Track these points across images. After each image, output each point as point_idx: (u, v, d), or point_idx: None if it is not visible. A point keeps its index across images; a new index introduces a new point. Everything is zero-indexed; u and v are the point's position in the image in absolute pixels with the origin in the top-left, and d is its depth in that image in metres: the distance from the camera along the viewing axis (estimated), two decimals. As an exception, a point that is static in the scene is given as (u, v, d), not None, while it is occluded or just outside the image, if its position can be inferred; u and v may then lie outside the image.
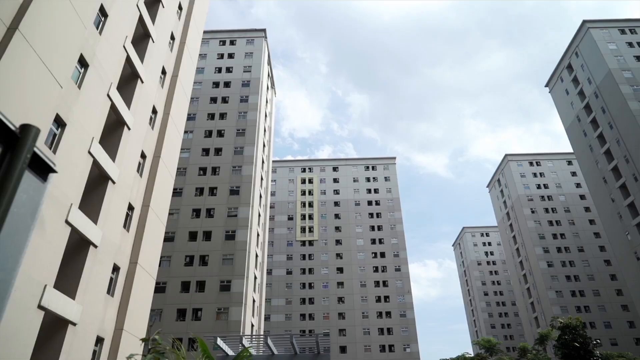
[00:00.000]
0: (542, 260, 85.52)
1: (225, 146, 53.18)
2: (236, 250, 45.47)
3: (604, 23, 70.27)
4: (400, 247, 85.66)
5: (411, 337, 77.20)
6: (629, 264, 63.08)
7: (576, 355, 26.99)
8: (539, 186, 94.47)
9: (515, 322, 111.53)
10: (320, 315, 78.73)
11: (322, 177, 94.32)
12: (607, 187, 66.87)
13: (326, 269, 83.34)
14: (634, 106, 61.22)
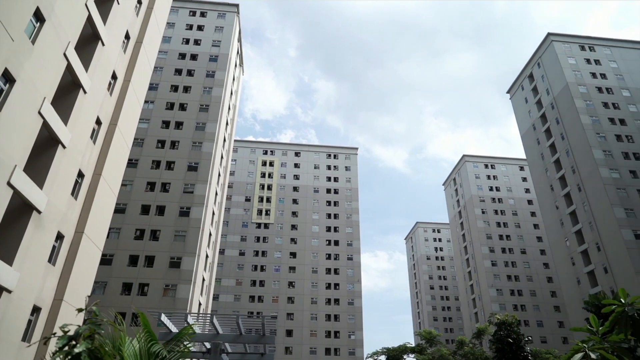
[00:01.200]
0: (487, 259, 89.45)
1: (187, 120, 51.79)
2: (190, 228, 44.69)
3: (567, 38, 73.24)
4: (354, 237, 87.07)
5: (357, 325, 79.07)
6: (565, 269, 67.08)
7: (509, 350, 28.58)
8: (491, 188, 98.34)
9: (457, 316, 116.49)
10: (270, 298, 79.12)
11: (284, 161, 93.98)
12: (553, 194, 70.46)
13: (279, 253, 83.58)
14: (585, 120, 64.51)
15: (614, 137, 63.57)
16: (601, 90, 67.97)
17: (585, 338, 9.02)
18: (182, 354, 7.15)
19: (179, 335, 7.13)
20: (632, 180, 60.12)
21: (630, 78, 69.72)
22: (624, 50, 73.01)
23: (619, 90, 68.29)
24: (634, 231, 56.18)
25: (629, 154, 62.30)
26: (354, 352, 76.62)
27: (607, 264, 58.09)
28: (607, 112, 65.76)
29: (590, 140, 62.80)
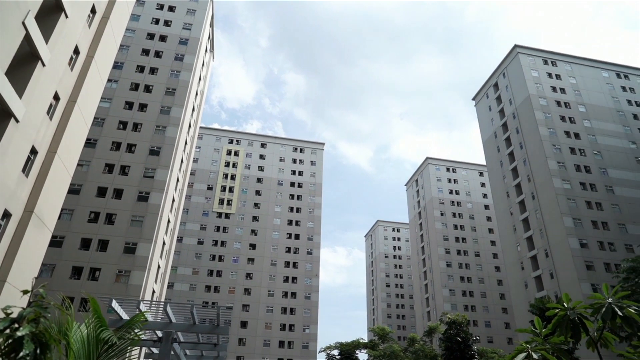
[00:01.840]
0: (442, 260, 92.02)
1: (151, 103, 50.25)
2: (148, 213, 43.52)
3: (532, 51, 75.98)
4: (315, 232, 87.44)
5: (312, 318, 79.61)
6: (514, 272, 69.96)
7: (457, 348, 29.60)
8: (451, 191, 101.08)
9: (410, 314, 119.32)
10: (226, 289, 78.38)
11: (249, 151, 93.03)
12: (509, 201, 73.20)
13: (239, 244, 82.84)
14: (543, 131, 67.27)
15: (568, 149, 66.63)
16: (560, 104, 71.01)
17: (529, 339, 9.47)
18: (132, 342, 6.97)
19: (130, 323, 6.94)
20: (581, 191, 63.25)
21: (587, 94, 73.18)
22: (583, 67, 76.51)
23: (576, 105, 71.56)
24: (580, 240, 59.22)
25: (580, 166, 65.48)
26: (308, 345, 77.16)
27: (553, 270, 60.99)
28: (563, 125, 68.80)
29: (546, 151, 65.56)
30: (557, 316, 9.16)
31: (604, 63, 77.91)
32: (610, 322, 8.68)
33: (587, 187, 63.97)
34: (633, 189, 65.13)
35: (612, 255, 58.49)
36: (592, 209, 62.13)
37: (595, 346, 8.72)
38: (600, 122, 70.57)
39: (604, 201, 63.14)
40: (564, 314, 9.08)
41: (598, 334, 8.78)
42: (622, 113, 72.52)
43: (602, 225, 61.20)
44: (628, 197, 64.28)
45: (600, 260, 58.16)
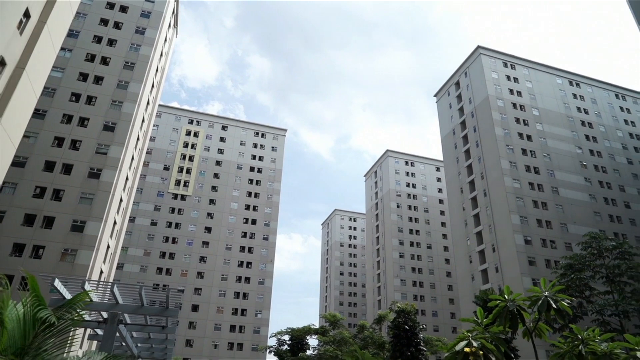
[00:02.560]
0: (395, 251, 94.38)
1: (108, 76, 48.04)
2: (98, 191, 41.87)
3: (493, 53, 78.33)
4: (273, 218, 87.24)
5: (265, 304, 79.78)
6: (463, 265, 72.81)
7: (404, 336, 30.55)
8: (408, 184, 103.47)
9: (362, 302, 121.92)
10: (179, 272, 77.04)
11: (210, 133, 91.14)
12: (462, 196, 75.76)
13: (194, 226, 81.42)
14: (499, 132, 69.81)
15: (520, 150, 69.54)
16: (515, 106, 73.80)
17: (471, 328, 9.92)
18: (73, 322, 6.72)
19: (70, 302, 6.68)
20: (529, 191, 66.34)
21: (541, 99, 76.43)
22: (540, 73, 79.73)
23: (530, 108, 74.62)
24: (525, 237, 62.27)
25: (530, 167, 68.57)
26: (259, 330, 77.39)
27: (499, 264, 63.93)
28: (517, 127, 71.64)
29: (500, 150, 68.14)
30: (498, 307, 9.59)
31: (558, 70, 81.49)
32: (545, 314, 9.19)
33: (535, 187, 67.14)
34: (576, 191, 68.96)
35: (552, 252, 61.91)
36: (538, 208, 65.35)
37: (530, 336, 9.23)
38: (551, 126, 73.98)
39: (549, 201, 66.53)
40: (504, 305, 9.52)
41: (533, 324, 9.29)
42: (571, 119, 76.31)
43: (546, 223, 64.54)
44: (571, 198, 68.02)
45: (542, 256, 61.45)
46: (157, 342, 23.34)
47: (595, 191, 70.13)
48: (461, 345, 8.75)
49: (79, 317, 6.89)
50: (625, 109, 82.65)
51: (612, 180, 72.40)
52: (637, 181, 74.27)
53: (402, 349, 30.31)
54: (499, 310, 9.45)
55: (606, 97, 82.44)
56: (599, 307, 36.07)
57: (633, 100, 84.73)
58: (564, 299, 8.93)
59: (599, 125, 77.82)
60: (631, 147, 77.74)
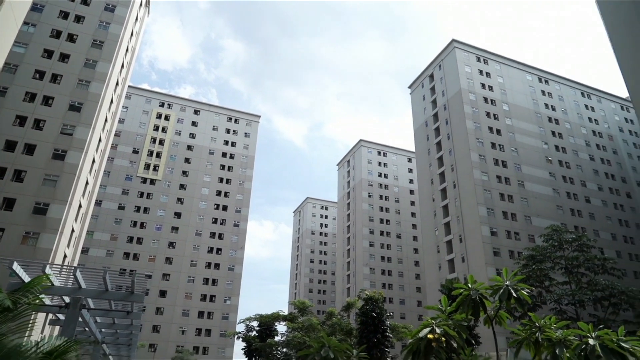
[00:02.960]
0: (365, 240, 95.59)
1: (75, 54, 46.16)
2: (63, 173, 40.49)
3: (467, 47, 79.42)
4: (244, 204, 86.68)
5: (234, 290, 79.57)
6: (430, 255, 74.44)
7: (371, 322, 31.10)
8: (380, 174, 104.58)
9: (331, 290, 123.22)
10: (146, 257, 75.74)
11: (181, 117, 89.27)
12: (432, 187, 77.14)
13: (163, 211, 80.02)
14: (470, 125, 71.16)
15: (490, 144, 71.17)
16: (487, 100, 75.30)
17: (435, 315, 10.17)
18: (32, 306, 6.50)
19: (28, 285, 6.45)
20: (497, 184, 68.13)
21: (511, 94, 78.22)
22: (511, 68, 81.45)
23: (501, 103, 76.28)
24: (491, 228, 64.09)
25: (498, 160, 70.33)
26: (228, 316, 77.22)
27: (465, 254, 65.65)
28: (488, 121, 73.18)
29: (470, 143, 69.54)
30: (462, 296, 9.84)
31: (529, 67, 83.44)
32: (506, 303, 9.49)
33: (502, 180, 68.98)
34: (541, 185, 71.25)
35: (516, 243, 64.00)
36: (504, 201, 67.26)
37: (491, 323, 9.54)
38: (519, 122, 75.91)
39: (515, 194, 68.56)
40: (467, 294, 9.77)
41: (494, 312, 9.59)
42: (539, 115, 78.48)
43: (511, 216, 66.56)
44: (536, 192, 70.27)
45: (506, 247, 63.44)
46: (122, 327, 22.98)
47: (558, 186, 72.65)
48: (425, 332, 8.97)
49: (38, 300, 6.67)
50: (590, 107, 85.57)
51: (574, 175, 75.13)
52: (598, 177, 77.33)
53: (368, 335, 30.87)
54: (463, 298, 9.72)
55: (573, 95, 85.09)
56: (557, 296, 37.61)
57: (597, 99, 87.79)
58: (524, 288, 9.26)
59: (564, 122, 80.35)
60: (593, 144, 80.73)
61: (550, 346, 9.05)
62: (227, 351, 75.76)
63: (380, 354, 30.92)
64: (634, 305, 36.15)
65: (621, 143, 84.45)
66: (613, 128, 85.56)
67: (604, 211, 73.91)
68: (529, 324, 9.48)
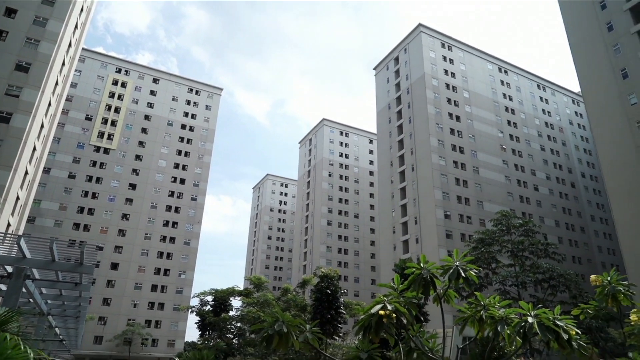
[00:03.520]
0: (324, 218, 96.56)
1: (23, 10, 42.97)
2: (8, 137, 38.14)
3: (433, 32, 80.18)
4: (203, 178, 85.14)
5: (189, 264, 78.71)
6: (386, 235, 76.26)
7: (325, 299, 31.70)
8: (341, 154, 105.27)
9: (287, 267, 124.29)
10: (98, 228, 73.28)
11: (139, 85, 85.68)
12: (391, 169, 78.52)
13: (117, 182, 77.32)
14: (431, 110, 72.48)
15: (449, 129, 72.91)
16: (449, 87, 76.76)
17: (387, 293, 10.46)
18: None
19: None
20: (453, 169, 70.20)
21: (472, 82, 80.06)
22: (474, 57, 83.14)
23: (462, 90, 78.00)
24: (445, 212, 66.27)
25: (456, 146, 72.31)
26: (182, 291, 76.51)
27: (419, 236, 67.72)
28: (448, 107, 74.78)
29: (430, 128, 70.98)
30: (413, 274, 10.14)
31: (490, 56, 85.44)
32: (455, 282, 9.88)
33: (459, 165, 71.13)
34: (494, 172, 74.06)
35: (468, 227, 66.58)
36: (459, 186, 69.53)
37: (439, 301, 9.91)
38: (478, 109, 78.05)
39: (470, 180, 70.96)
40: (419, 273, 10.07)
41: (443, 291, 9.97)
42: (497, 104, 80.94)
43: (465, 200, 68.99)
44: (489, 178, 73.01)
45: (458, 230, 65.92)
46: (69, 299, 22.27)
47: (510, 173, 75.76)
48: (377, 308, 9.21)
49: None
50: (544, 99, 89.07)
51: (525, 164, 78.51)
52: (547, 166, 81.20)
53: (322, 311, 31.47)
54: (414, 277, 10.02)
55: (529, 86, 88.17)
56: (502, 277, 39.63)
57: (552, 92, 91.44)
58: (472, 269, 9.65)
59: (520, 112, 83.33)
60: (545, 135, 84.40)
61: (492, 323, 9.53)
62: (180, 325, 75.33)
63: (333, 329, 31.66)
64: (570, 287, 38.64)
65: (570, 135, 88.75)
66: (564, 120, 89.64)
67: (550, 199, 77.94)
68: (475, 302, 9.93)
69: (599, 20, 55.27)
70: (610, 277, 12.63)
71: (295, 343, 9.63)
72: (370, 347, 11.04)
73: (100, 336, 68.86)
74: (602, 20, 54.93)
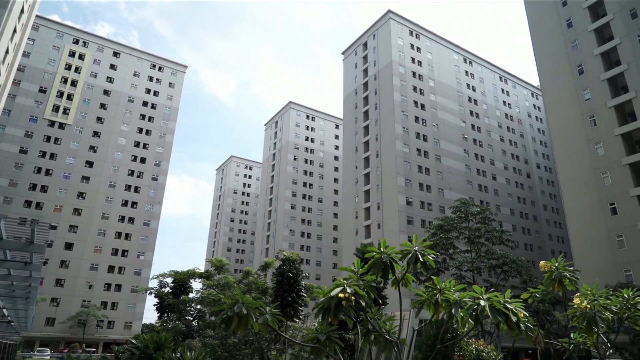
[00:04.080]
0: (288, 202, 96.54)
1: (-32, -31, 39.96)
2: (-48, 106, 35.77)
3: (402, 20, 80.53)
4: (164, 158, 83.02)
5: (149, 246, 77.10)
6: (349, 220, 77.17)
7: (287, 282, 31.83)
8: (307, 138, 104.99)
9: (250, 249, 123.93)
10: (52, 207, 70.37)
11: (98, 58, 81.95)
12: (356, 155, 79.13)
13: (73, 159, 74.21)
14: (397, 97, 73.22)
15: (414, 117, 74.01)
16: (415, 75, 77.63)
17: (348, 276, 10.62)
18: None
19: None
20: (416, 156, 71.50)
21: (438, 71, 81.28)
22: (440, 46, 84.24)
23: (428, 79, 79.10)
24: (407, 198, 67.63)
25: (420, 134, 73.57)
26: (141, 272, 75.01)
27: (381, 221, 68.93)
28: (414, 95, 75.76)
29: (396, 115, 71.80)
30: (373, 258, 10.31)
31: (456, 46, 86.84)
32: (413, 266, 10.11)
33: (422, 153, 72.52)
34: (455, 161, 75.98)
35: (428, 213, 68.30)
36: (422, 173, 71.00)
37: (397, 285, 10.15)
38: (443, 99, 79.49)
39: (432, 167, 72.56)
40: (379, 257, 10.24)
41: (402, 275, 10.20)
42: (461, 94, 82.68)
43: (426, 187, 70.58)
44: (451, 167, 74.89)
45: (419, 217, 67.52)
46: (19, 279, 21.31)
47: (470, 162, 77.97)
48: (336, 291, 9.34)
49: None
50: (506, 91, 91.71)
51: (485, 154, 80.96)
52: (505, 157, 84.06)
53: (283, 294, 31.61)
54: (374, 261, 10.19)
55: (492, 78, 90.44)
56: (459, 263, 41.05)
57: (513, 85, 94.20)
58: (430, 254, 9.90)
59: (482, 103, 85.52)
60: (505, 127, 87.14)
61: (447, 306, 9.86)
62: (138, 307, 74.03)
63: (294, 312, 31.91)
64: (522, 273, 40.51)
65: (528, 127, 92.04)
66: (523, 113, 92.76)
67: (507, 188, 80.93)
68: (432, 286, 10.22)
69: (559, 16, 57.10)
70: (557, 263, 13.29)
71: (255, 325, 9.64)
72: (329, 328, 11.23)
73: (53, 318, 66.74)
74: (562, 16, 56.78)
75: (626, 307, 13.54)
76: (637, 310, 13.27)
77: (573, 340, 15.60)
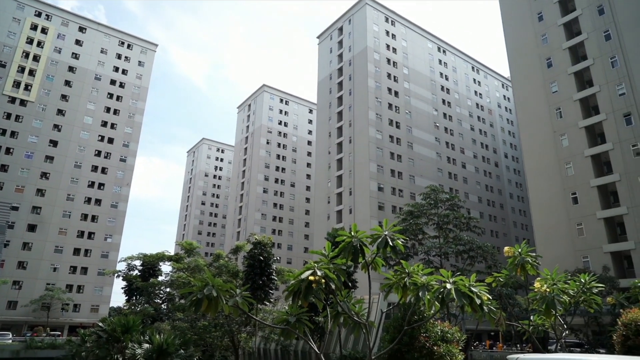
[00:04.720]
0: (260, 186, 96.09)
1: None
2: None
3: (378, 6, 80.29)
4: (133, 139, 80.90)
5: (116, 228, 75.49)
6: (321, 205, 77.58)
7: (258, 266, 31.93)
8: (280, 122, 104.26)
9: (221, 233, 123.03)
10: (13, 187, 67.70)
11: (63, 32, 78.46)
12: (330, 140, 79.24)
13: (36, 138, 71.39)
14: (371, 84, 73.39)
15: (387, 104, 74.46)
16: (389, 62, 77.87)
17: (318, 260, 10.74)
18: None
19: None
20: (389, 143, 72.19)
21: (412, 59, 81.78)
22: (415, 34, 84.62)
23: (402, 66, 79.50)
24: (379, 184, 68.40)
25: (393, 121, 74.19)
26: (108, 255, 73.49)
27: (353, 207, 69.58)
28: (388, 82, 76.10)
29: (370, 102, 72.06)
30: (344, 242, 10.43)
31: (431, 35, 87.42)
32: (383, 250, 10.30)
33: (394, 140, 73.25)
34: (427, 148, 77.14)
35: (399, 200, 69.35)
36: (394, 160, 71.82)
37: (367, 268, 10.34)
38: (416, 86, 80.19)
39: (404, 154, 73.46)
40: (350, 241, 10.38)
41: (371, 259, 10.38)
42: (434, 82, 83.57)
43: (398, 174, 71.52)
44: (422, 154, 76.01)
45: (390, 202, 68.47)
46: (-22, 261, 20.59)
47: (441, 150, 79.32)
48: (307, 274, 9.46)
49: None
50: (477, 81, 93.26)
51: (456, 142, 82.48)
52: (475, 146, 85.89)
53: (254, 277, 31.70)
54: (345, 245, 10.34)
55: (465, 67, 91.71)
56: (427, 248, 42.01)
57: (484, 75, 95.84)
58: (400, 238, 10.12)
59: (454, 92, 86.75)
60: (475, 116, 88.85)
61: (415, 289, 10.13)
62: (105, 290, 72.71)
63: (265, 295, 32.08)
64: (487, 258, 41.86)
65: (497, 118, 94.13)
66: (493, 103, 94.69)
67: (475, 177, 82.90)
68: (400, 270, 10.46)
69: (531, 9, 58.22)
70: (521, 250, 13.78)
71: (225, 307, 9.66)
72: (299, 311, 11.37)
73: (15, 301, 64.78)
74: (534, 10, 57.91)
75: (582, 291, 14.24)
76: (592, 294, 14.01)
77: (533, 322, 16.34)
